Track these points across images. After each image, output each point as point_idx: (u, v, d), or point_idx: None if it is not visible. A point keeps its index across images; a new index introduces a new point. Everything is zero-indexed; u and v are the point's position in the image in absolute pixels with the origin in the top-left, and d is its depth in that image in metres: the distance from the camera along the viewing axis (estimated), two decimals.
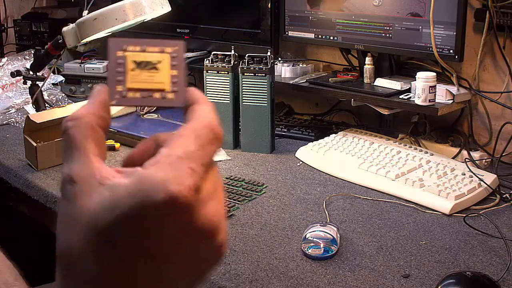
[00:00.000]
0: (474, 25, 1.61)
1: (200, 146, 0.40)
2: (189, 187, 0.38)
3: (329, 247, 1.13)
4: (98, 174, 0.39)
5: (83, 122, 0.41)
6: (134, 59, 0.44)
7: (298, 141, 1.74)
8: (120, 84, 0.44)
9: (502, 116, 1.62)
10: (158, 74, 0.44)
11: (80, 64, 2.29)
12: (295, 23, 1.86)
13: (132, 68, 0.44)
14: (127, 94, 0.44)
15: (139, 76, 0.44)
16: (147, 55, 0.45)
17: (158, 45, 0.45)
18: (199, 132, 0.41)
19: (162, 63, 0.45)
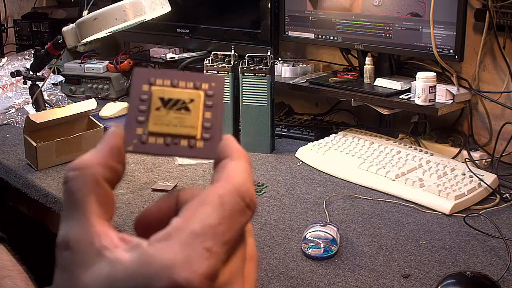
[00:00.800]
0: (474, 25, 1.61)
1: (224, 218, 0.32)
2: (201, 275, 0.31)
3: (329, 247, 1.13)
4: (97, 242, 0.32)
5: (86, 174, 0.34)
6: (161, 95, 0.37)
7: (298, 141, 1.74)
8: (140, 126, 0.36)
9: (502, 116, 1.62)
10: (188, 116, 0.37)
11: (80, 64, 2.29)
12: (295, 23, 1.86)
13: (158, 107, 0.37)
14: (148, 139, 0.36)
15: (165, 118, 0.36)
16: (178, 92, 0.37)
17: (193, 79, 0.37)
18: (226, 199, 0.33)
19: (194, 102, 0.37)
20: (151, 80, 0.37)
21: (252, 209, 0.34)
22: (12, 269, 0.98)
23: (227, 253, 0.32)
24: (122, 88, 2.27)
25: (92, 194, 0.34)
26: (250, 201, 0.34)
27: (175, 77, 0.37)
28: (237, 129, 1.70)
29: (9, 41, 2.92)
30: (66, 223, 0.33)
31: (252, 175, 0.36)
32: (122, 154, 0.36)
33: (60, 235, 0.33)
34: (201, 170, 1.55)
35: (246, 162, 0.36)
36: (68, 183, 0.34)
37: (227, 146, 0.36)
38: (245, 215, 0.34)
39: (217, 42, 2.02)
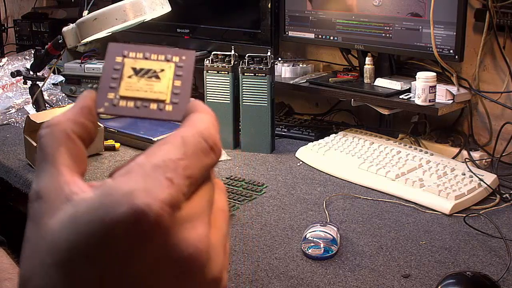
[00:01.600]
0: (474, 25, 1.61)
1: (186, 154, 0.33)
2: (162, 201, 0.31)
3: (329, 247, 1.13)
4: (67, 189, 0.33)
5: (57, 129, 0.35)
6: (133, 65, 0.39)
7: (298, 141, 1.74)
8: (112, 91, 0.38)
9: (502, 116, 1.62)
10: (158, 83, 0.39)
11: (80, 64, 2.29)
12: (295, 23, 1.86)
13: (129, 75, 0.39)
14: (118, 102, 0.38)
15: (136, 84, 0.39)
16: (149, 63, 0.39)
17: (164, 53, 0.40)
18: (188, 139, 0.34)
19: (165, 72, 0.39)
20: (124, 52, 0.39)
21: (217, 152, 0.35)
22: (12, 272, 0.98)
23: (189, 187, 0.32)
24: None
25: (62, 147, 0.34)
26: (213, 143, 0.35)
27: (148, 50, 0.40)
28: (237, 129, 1.70)
29: (9, 41, 2.92)
30: (37, 176, 0.34)
31: (217, 127, 0.36)
32: (92, 114, 0.36)
33: (31, 189, 0.34)
34: None
35: (211, 116, 0.36)
36: (41, 139, 0.35)
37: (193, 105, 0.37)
38: (209, 156, 0.34)
39: (217, 42, 2.02)
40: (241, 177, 1.49)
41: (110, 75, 0.39)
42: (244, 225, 1.26)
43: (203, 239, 0.33)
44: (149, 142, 1.67)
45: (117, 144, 1.71)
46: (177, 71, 0.39)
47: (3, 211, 1.93)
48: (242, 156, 1.65)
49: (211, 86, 1.69)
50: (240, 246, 1.17)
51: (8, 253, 1.04)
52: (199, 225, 0.33)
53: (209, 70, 1.68)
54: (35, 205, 0.33)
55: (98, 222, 0.30)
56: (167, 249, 0.31)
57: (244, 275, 1.07)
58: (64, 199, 0.32)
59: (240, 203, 1.35)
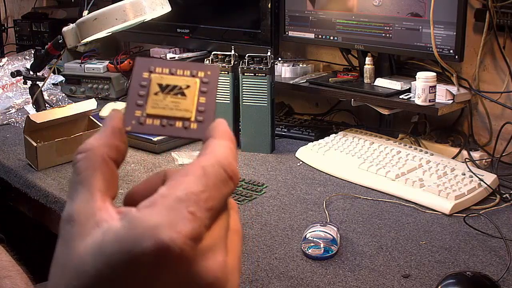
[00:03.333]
0: (474, 25, 1.61)
1: (207, 186, 0.34)
2: (186, 235, 0.32)
3: (329, 247, 1.13)
4: (98, 215, 0.34)
5: (93, 154, 0.37)
6: (159, 81, 0.40)
7: (298, 141, 1.74)
8: (139, 108, 0.39)
9: (502, 116, 1.62)
10: (184, 100, 0.39)
11: (80, 64, 2.29)
12: (295, 23, 1.86)
13: (156, 92, 0.39)
14: (145, 121, 0.39)
15: (162, 102, 0.39)
16: (175, 79, 0.40)
17: (190, 68, 0.40)
18: (208, 169, 0.35)
19: (190, 88, 0.40)
20: (151, 68, 0.40)
21: (235, 181, 0.36)
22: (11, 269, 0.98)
23: (210, 219, 0.34)
24: (122, 88, 2.27)
25: (98, 172, 0.36)
26: (232, 173, 0.36)
27: (174, 66, 0.40)
28: (237, 129, 1.70)
29: (9, 41, 2.92)
30: (71, 199, 0.35)
31: (235, 154, 0.37)
32: (123, 134, 0.38)
33: (65, 211, 0.35)
34: None
35: (230, 142, 0.37)
36: (76, 164, 0.37)
37: (215, 127, 0.38)
38: (228, 185, 0.35)
39: (217, 42, 2.02)
40: (241, 177, 1.49)
41: (137, 92, 0.39)
42: (244, 225, 1.26)
43: (222, 267, 0.34)
44: (149, 142, 1.67)
45: None
46: (202, 87, 0.40)
47: (3, 211, 1.93)
48: (242, 156, 1.65)
49: None
50: None
51: (7, 250, 1.04)
52: (219, 254, 0.35)
53: None
54: (67, 226, 0.35)
55: (125, 253, 0.32)
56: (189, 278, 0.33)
57: (244, 275, 1.07)
58: (94, 225, 0.34)
59: (240, 203, 1.35)
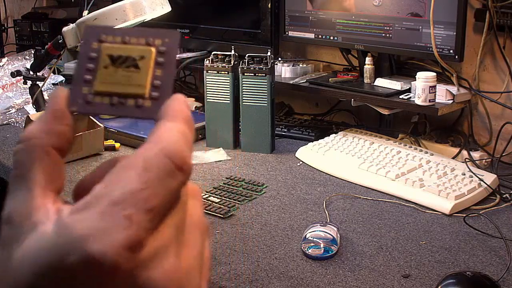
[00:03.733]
0: (474, 25, 1.61)
1: (148, 182, 0.30)
2: (119, 246, 0.28)
3: (329, 247, 1.13)
4: (34, 216, 0.31)
5: (31, 144, 0.33)
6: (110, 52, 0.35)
7: (298, 141, 1.74)
8: (87, 85, 0.35)
9: (502, 116, 1.62)
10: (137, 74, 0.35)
11: None
12: (295, 23, 1.86)
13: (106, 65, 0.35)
14: (93, 99, 0.35)
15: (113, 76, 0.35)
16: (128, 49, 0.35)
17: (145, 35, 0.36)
18: (151, 161, 0.30)
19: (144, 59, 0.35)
20: (101, 37, 0.36)
21: (185, 170, 0.31)
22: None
23: (153, 220, 0.30)
24: None
25: (37, 164, 0.32)
26: (181, 162, 0.31)
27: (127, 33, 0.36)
28: (237, 129, 1.70)
29: (9, 41, 2.92)
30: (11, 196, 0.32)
31: (189, 138, 0.33)
32: (66, 116, 0.34)
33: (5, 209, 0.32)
34: (201, 170, 1.55)
35: (183, 124, 0.33)
36: (14, 156, 0.33)
37: (167, 107, 0.34)
38: (176, 177, 0.31)
39: (217, 42, 2.02)
40: (241, 177, 1.49)
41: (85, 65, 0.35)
42: (244, 225, 1.26)
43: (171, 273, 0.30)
44: None
45: (117, 144, 1.71)
46: (158, 57, 0.35)
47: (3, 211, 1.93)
48: (242, 156, 1.65)
49: (211, 86, 1.69)
50: (240, 246, 1.17)
51: None
52: (167, 259, 0.30)
53: (209, 70, 1.68)
54: (5, 228, 0.32)
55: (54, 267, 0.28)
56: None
57: (244, 275, 1.07)
58: (30, 228, 0.30)
59: (240, 203, 1.35)
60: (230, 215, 1.30)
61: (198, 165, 1.58)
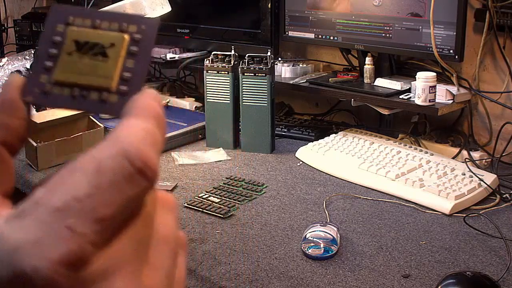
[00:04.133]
0: (474, 25, 1.61)
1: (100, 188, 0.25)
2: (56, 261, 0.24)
3: (329, 247, 1.13)
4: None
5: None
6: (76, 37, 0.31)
7: (298, 141, 1.74)
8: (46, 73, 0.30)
9: (502, 116, 1.62)
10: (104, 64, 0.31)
11: None
12: (295, 23, 1.86)
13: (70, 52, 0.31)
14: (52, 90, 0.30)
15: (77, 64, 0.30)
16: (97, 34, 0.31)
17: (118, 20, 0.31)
18: (105, 163, 0.26)
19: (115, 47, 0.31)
20: (69, 19, 0.31)
21: (148, 175, 0.26)
22: None
23: (102, 233, 0.25)
24: None
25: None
26: (143, 165, 0.26)
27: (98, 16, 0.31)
28: (237, 129, 1.70)
29: (9, 41, 2.92)
30: None
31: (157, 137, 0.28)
32: (18, 107, 0.29)
33: None
34: (201, 170, 1.55)
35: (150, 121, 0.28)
36: None
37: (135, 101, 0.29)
38: (136, 183, 0.26)
39: (217, 42, 2.02)
40: (241, 177, 1.49)
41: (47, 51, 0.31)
42: (244, 225, 1.26)
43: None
44: None
45: None
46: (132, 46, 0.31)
47: None
48: (242, 156, 1.65)
49: (211, 86, 1.69)
50: (240, 246, 1.17)
51: None
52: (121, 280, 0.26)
53: (209, 70, 1.68)
54: None
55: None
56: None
57: (244, 275, 1.07)
58: None
59: (240, 203, 1.35)
60: (230, 215, 1.30)
61: (198, 165, 1.58)
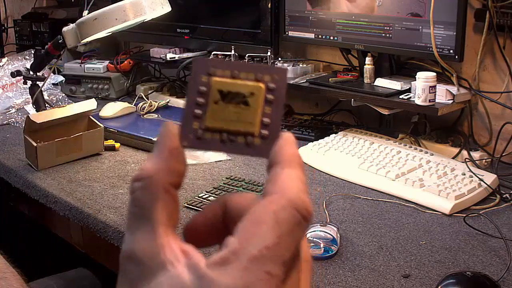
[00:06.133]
0: (474, 25, 1.61)
1: (282, 237, 0.32)
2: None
3: (329, 247, 1.13)
4: (162, 255, 0.32)
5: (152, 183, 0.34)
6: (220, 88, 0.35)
7: (298, 141, 1.73)
8: (197, 120, 0.35)
9: (502, 116, 1.62)
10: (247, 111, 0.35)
11: (80, 64, 2.29)
12: (295, 23, 1.86)
13: (216, 101, 0.35)
14: (204, 135, 0.35)
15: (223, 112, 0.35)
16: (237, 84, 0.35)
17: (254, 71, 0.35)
18: (281, 215, 0.32)
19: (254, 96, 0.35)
20: (210, 70, 0.35)
21: (309, 218, 0.33)
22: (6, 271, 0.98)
23: (286, 272, 0.32)
24: (122, 88, 2.27)
25: (159, 204, 0.33)
26: (306, 212, 0.33)
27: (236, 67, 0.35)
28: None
29: (9, 41, 2.92)
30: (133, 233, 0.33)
31: (306, 183, 0.34)
32: (182, 154, 0.35)
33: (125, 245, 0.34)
34: (201, 170, 1.55)
35: (299, 169, 0.34)
36: (134, 194, 0.34)
37: (280, 149, 0.35)
38: (302, 227, 0.33)
39: (217, 42, 2.02)
40: (241, 177, 1.49)
41: (195, 100, 0.35)
42: None
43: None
44: (149, 142, 1.67)
45: (117, 144, 1.71)
46: (268, 94, 0.35)
47: (3, 211, 1.93)
48: (242, 156, 1.65)
49: None
50: None
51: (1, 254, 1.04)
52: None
53: None
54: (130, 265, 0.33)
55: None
56: None
57: None
58: (159, 266, 0.32)
59: None
60: None
61: (198, 165, 1.58)
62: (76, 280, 1.51)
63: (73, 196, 1.40)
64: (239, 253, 0.31)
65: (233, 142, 0.35)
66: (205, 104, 0.35)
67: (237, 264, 0.31)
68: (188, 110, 0.35)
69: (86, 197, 1.40)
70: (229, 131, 0.35)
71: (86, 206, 1.35)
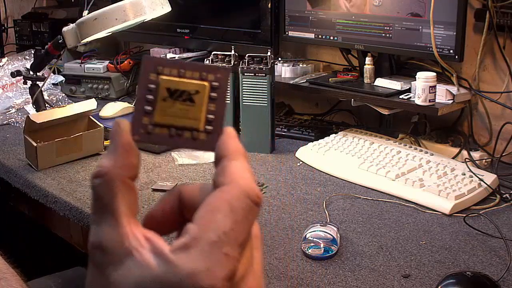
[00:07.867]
0: (474, 25, 1.61)
1: (237, 222, 0.35)
2: (223, 278, 0.34)
3: (329, 247, 1.13)
4: (126, 242, 0.35)
5: (110, 178, 0.37)
6: (168, 85, 0.38)
7: (298, 141, 1.74)
8: (147, 115, 0.38)
9: (502, 116, 1.62)
10: (192, 108, 0.38)
11: (80, 64, 2.29)
12: (295, 23, 1.86)
13: (164, 98, 0.38)
14: (154, 130, 0.38)
15: (171, 109, 0.38)
16: (184, 83, 0.38)
17: (199, 70, 0.38)
18: (235, 203, 0.36)
19: (199, 94, 0.38)
20: (158, 69, 0.38)
21: (259, 203, 0.36)
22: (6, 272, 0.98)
23: (241, 253, 0.35)
24: (122, 88, 2.27)
25: (119, 196, 0.36)
26: (257, 197, 0.36)
27: (182, 66, 0.38)
28: (237, 129, 1.70)
29: (9, 41, 2.91)
30: (97, 226, 0.36)
31: (252, 171, 0.38)
32: (134, 148, 0.38)
33: (92, 237, 0.37)
34: (201, 170, 1.55)
35: (244, 160, 0.38)
36: (95, 190, 0.37)
37: (225, 143, 0.38)
38: (254, 212, 0.36)
39: (217, 42, 2.02)
40: None
41: (145, 96, 0.38)
42: None
43: None
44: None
45: None
46: (212, 92, 0.38)
47: (3, 211, 1.93)
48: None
49: None
50: None
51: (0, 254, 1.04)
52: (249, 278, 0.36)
53: None
54: (98, 255, 0.36)
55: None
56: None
57: None
58: (125, 253, 0.35)
59: None
60: None
61: (198, 165, 1.58)
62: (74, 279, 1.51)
63: (73, 196, 1.41)
64: (200, 239, 0.34)
65: (180, 136, 0.38)
66: (154, 101, 0.38)
67: (198, 248, 0.34)
68: (139, 107, 0.38)
69: (86, 197, 1.40)
70: (176, 127, 0.38)
71: (86, 206, 1.35)
